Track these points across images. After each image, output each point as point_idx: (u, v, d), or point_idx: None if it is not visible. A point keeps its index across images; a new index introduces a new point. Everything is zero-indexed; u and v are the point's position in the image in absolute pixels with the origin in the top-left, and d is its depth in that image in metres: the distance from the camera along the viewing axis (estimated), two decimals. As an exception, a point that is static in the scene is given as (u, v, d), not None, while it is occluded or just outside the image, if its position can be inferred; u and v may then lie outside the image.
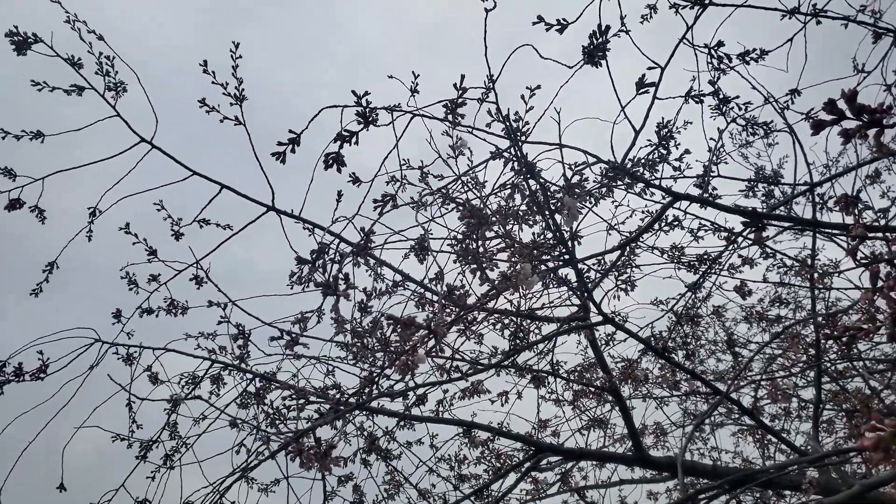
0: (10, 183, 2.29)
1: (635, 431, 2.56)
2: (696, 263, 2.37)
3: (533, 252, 1.95)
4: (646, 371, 2.99)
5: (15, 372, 2.58)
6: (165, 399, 2.82)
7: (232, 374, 2.83)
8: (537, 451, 2.74)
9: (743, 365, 2.91)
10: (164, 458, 2.82)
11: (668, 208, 1.85)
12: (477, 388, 2.48)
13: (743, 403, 2.56)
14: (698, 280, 2.48)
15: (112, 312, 2.70)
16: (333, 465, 1.71)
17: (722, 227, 2.26)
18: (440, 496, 2.97)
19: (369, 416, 2.87)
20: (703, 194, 1.97)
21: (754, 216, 1.43)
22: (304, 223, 2.53)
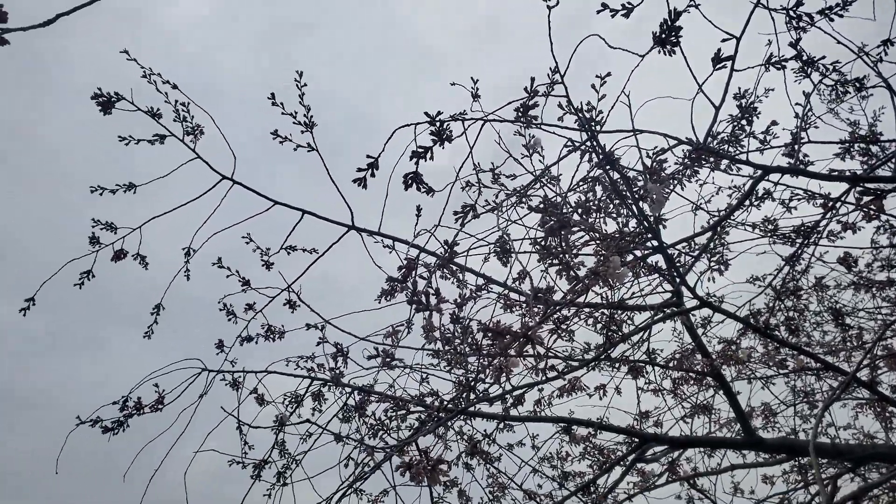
0: (112, 235, 2.45)
1: (743, 414, 2.47)
2: (793, 235, 2.26)
3: (620, 243, 1.92)
4: (748, 350, 2.87)
5: (136, 405, 2.75)
6: (272, 421, 2.94)
7: (331, 389, 2.92)
8: (641, 442, 2.68)
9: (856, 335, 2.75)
10: (276, 475, 2.93)
11: (759, 182, 1.77)
12: (574, 385, 2.46)
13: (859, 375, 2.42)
14: (796, 252, 2.36)
15: (215, 343, 2.84)
16: (441, 478, 1.74)
17: (817, 193, 2.14)
18: (546, 495, 2.95)
19: (467, 420, 2.89)
20: (795, 163, 1.88)
21: (854, 181, 1.35)
22: (384, 238, 2.59)
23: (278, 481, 2.92)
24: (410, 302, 2.10)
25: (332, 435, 2.93)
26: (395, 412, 2.55)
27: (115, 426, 2.70)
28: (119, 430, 2.72)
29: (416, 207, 1.97)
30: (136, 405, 2.74)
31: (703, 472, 2.98)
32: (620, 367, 2.66)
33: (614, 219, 1.81)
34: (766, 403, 3.20)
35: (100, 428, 2.67)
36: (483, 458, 2.91)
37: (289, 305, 2.74)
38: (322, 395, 2.98)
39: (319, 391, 2.96)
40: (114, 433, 2.70)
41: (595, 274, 1.74)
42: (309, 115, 2.17)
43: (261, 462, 2.93)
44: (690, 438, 2.60)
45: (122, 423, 2.72)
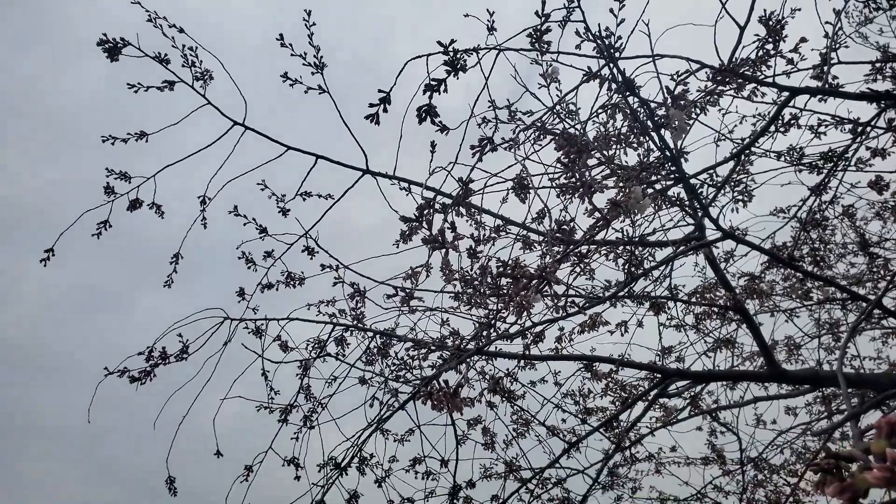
0: (127, 185, 2.44)
1: (766, 347, 2.45)
2: (820, 162, 2.19)
3: (641, 174, 1.87)
4: (772, 283, 2.83)
5: (161, 355, 2.79)
6: (297, 362, 2.98)
7: (354, 334, 2.94)
8: (664, 378, 2.68)
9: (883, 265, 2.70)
10: (303, 419, 2.99)
11: (786, 106, 1.71)
12: (595, 321, 2.44)
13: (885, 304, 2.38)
14: (823, 180, 2.29)
15: (236, 291, 2.85)
16: (463, 406, 1.74)
17: (845, 119, 2.06)
18: (569, 431, 2.99)
19: (489, 360, 2.91)
20: (823, 86, 1.80)
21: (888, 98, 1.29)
22: (399, 182, 2.56)
23: (305, 424, 2.98)
24: (426, 241, 2.08)
25: (357, 376, 2.98)
26: (418, 351, 2.57)
27: (141, 376, 2.74)
28: (146, 380, 2.76)
29: (431, 143, 1.93)
30: (161, 355, 2.78)
31: (726, 406, 2.99)
32: (642, 303, 2.64)
33: (635, 149, 1.76)
34: (789, 337, 3.18)
35: (127, 378, 2.72)
36: (505, 396, 2.94)
37: (307, 252, 2.74)
38: (345, 340, 3.01)
39: (342, 336, 2.98)
40: (141, 383, 2.75)
41: (616, 205, 1.70)
42: (319, 55, 2.12)
43: (287, 406, 2.99)
44: (713, 372, 2.60)
45: (149, 373, 2.76)
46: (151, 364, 2.76)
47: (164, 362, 2.79)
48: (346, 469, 2.64)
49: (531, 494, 2.99)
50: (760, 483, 3.16)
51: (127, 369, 2.71)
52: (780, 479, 3.13)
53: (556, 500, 3.13)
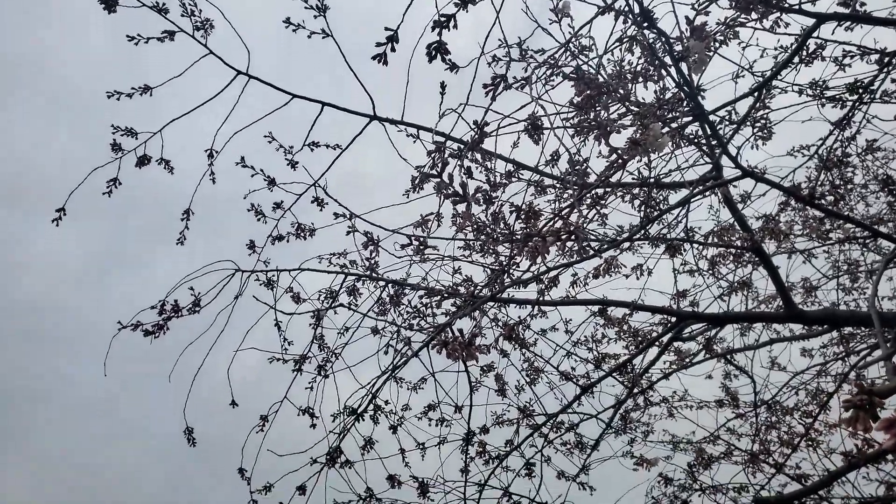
0: (134, 141, 2.39)
1: (784, 287, 2.42)
2: (844, 94, 2.11)
3: (658, 111, 1.81)
4: (790, 223, 2.78)
5: (173, 308, 2.79)
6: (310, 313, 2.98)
7: (366, 284, 2.93)
8: (678, 321, 2.67)
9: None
10: (317, 369, 3.00)
11: (811, 35, 1.63)
12: (610, 265, 2.41)
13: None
14: (846, 115, 2.22)
15: (246, 244, 2.83)
16: (477, 354, 1.73)
17: (872, 49, 1.98)
18: (582, 376, 2.99)
19: (501, 307, 2.90)
20: (852, 11, 1.71)
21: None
22: (407, 128, 2.50)
23: (319, 374, 3.00)
24: (439, 189, 2.03)
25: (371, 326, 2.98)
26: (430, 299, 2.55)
27: (155, 330, 2.75)
28: (159, 334, 2.77)
29: (440, 84, 1.86)
30: (173, 308, 2.78)
31: (740, 348, 2.98)
32: (657, 246, 2.60)
33: (655, 81, 1.69)
34: (805, 279, 3.14)
35: (141, 332, 2.72)
36: (518, 344, 2.93)
37: (316, 203, 2.70)
38: (357, 291, 2.99)
39: (354, 286, 2.97)
40: (154, 336, 2.75)
41: (635, 143, 1.65)
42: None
43: (301, 357, 3.00)
44: (729, 314, 2.58)
45: (162, 327, 2.77)
46: (164, 317, 2.76)
47: (176, 315, 2.79)
48: (362, 416, 2.67)
49: (544, 439, 3.01)
50: (773, 425, 3.18)
51: (140, 323, 2.72)
52: (793, 420, 3.14)
53: (569, 445, 3.16)
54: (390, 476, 2.77)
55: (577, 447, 3.09)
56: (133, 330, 2.71)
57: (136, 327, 2.72)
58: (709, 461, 3.11)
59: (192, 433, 2.84)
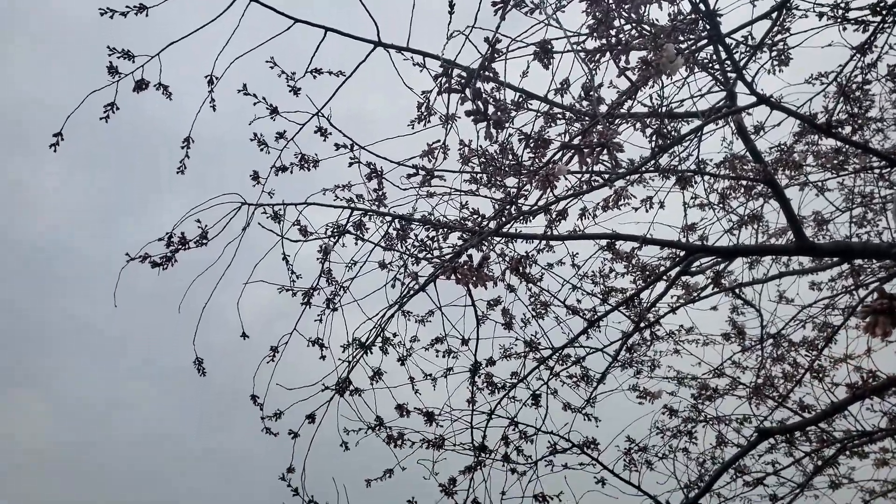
0: (130, 65, 2.34)
1: (795, 219, 2.38)
2: (867, 16, 2.02)
3: (673, 33, 1.74)
4: (804, 153, 2.72)
5: (180, 241, 2.79)
6: (317, 247, 2.98)
7: (372, 219, 2.91)
8: (687, 254, 2.65)
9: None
10: (325, 302, 3.02)
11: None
12: (620, 196, 2.38)
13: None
14: (868, 38, 2.13)
15: (250, 175, 2.80)
16: (487, 280, 1.73)
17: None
18: (589, 310, 3.00)
19: (508, 242, 2.88)
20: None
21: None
22: (413, 55, 2.43)
23: (328, 307, 3.02)
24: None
25: (378, 260, 2.98)
26: (437, 232, 2.54)
27: (163, 261, 2.75)
28: (167, 265, 2.78)
29: (449, 3, 1.79)
30: (180, 240, 2.78)
31: (749, 282, 2.97)
32: (668, 178, 2.56)
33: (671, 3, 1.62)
34: (817, 212, 3.10)
35: (149, 264, 2.73)
36: (524, 278, 2.93)
37: (320, 133, 2.65)
38: (363, 225, 2.98)
39: (360, 221, 2.96)
40: (163, 268, 2.76)
41: (647, 64, 1.59)
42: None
43: (310, 290, 3.01)
44: (739, 247, 2.55)
45: (170, 259, 2.77)
46: (171, 250, 2.77)
47: (183, 247, 2.79)
48: (370, 347, 2.70)
49: (550, 372, 3.04)
50: (779, 358, 3.20)
51: (148, 255, 2.72)
52: (799, 354, 3.15)
53: (575, 378, 3.20)
54: (399, 405, 2.82)
55: (583, 380, 3.12)
56: (141, 262, 2.72)
57: (144, 259, 2.72)
58: (713, 394, 3.14)
59: (201, 363, 2.89)
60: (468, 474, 2.84)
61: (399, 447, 2.74)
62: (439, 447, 2.81)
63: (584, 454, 2.76)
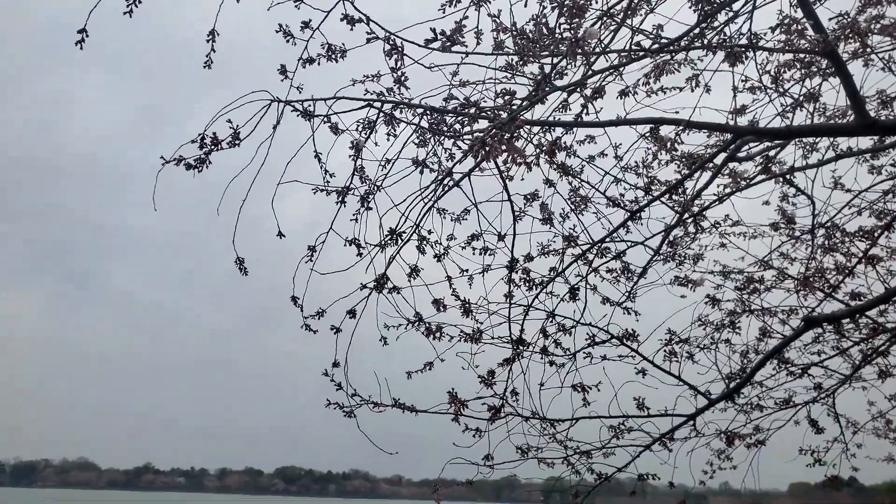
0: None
1: (857, 94, 2.20)
2: None
3: None
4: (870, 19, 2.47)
5: (213, 141, 2.77)
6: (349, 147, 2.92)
7: (404, 111, 2.83)
8: (735, 138, 2.50)
9: None
10: (360, 200, 2.99)
11: None
12: (662, 69, 2.21)
13: None
14: None
15: (277, 69, 2.73)
16: (518, 154, 1.65)
17: None
18: (631, 202, 2.90)
19: (546, 131, 2.77)
20: None
21: None
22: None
23: (362, 205, 2.99)
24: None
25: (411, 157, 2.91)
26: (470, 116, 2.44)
27: (197, 164, 2.75)
28: (202, 168, 2.77)
29: None
30: (213, 140, 2.75)
31: (802, 167, 2.81)
32: (715, 53, 2.37)
33: None
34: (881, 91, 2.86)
35: (184, 166, 2.73)
36: (563, 171, 2.83)
37: (346, 21, 2.54)
38: (395, 120, 2.90)
39: (391, 115, 2.87)
40: (197, 171, 2.76)
41: None
42: None
43: (343, 189, 2.98)
44: (793, 128, 2.39)
45: (204, 161, 2.76)
46: (205, 151, 2.75)
47: (216, 148, 2.77)
48: (401, 235, 2.67)
49: (589, 266, 2.99)
50: (830, 248, 3.06)
51: (182, 157, 2.72)
52: (852, 244, 3.01)
53: (614, 273, 3.14)
54: (435, 300, 2.83)
55: (623, 274, 3.07)
56: (176, 164, 2.72)
57: (178, 162, 2.72)
58: (758, 285, 3.05)
59: (242, 262, 2.93)
60: (506, 366, 2.86)
61: (438, 340, 2.76)
62: (477, 340, 2.83)
63: (623, 346, 2.74)
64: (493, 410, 2.88)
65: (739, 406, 3.05)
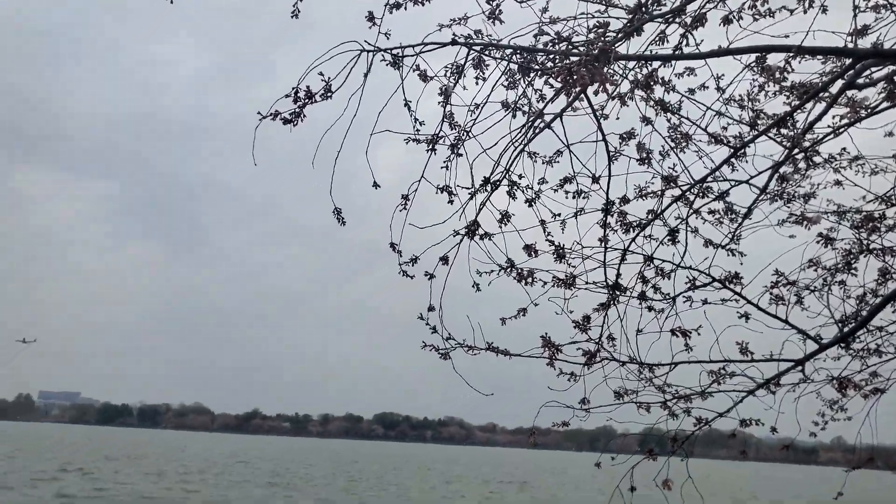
0: None
1: None
2: None
3: None
4: None
5: (307, 94, 2.83)
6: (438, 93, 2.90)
7: (492, 54, 2.77)
8: (855, 62, 2.30)
9: None
10: (450, 147, 2.99)
11: None
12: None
13: None
14: None
15: (365, 16, 2.73)
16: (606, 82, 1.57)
17: None
18: (735, 137, 2.73)
19: (642, 66, 2.64)
20: None
21: None
22: None
23: (452, 152, 2.99)
24: None
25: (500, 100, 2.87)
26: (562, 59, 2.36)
27: (292, 117, 2.82)
28: (297, 121, 2.85)
29: None
30: (306, 94, 2.81)
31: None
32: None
33: None
34: None
35: (280, 120, 2.81)
36: (662, 107, 2.70)
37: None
38: (483, 63, 2.85)
39: (480, 58, 2.83)
40: (293, 124, 2.84)
41: None
42: None
43: (433, 136, 2.98)
44: (922, 47, 2.16)
45: (298, 114, 2.83)
46: (300, 105, 2.82)
47: (310, 101, 2.83)
48: (496, 184, 2.66)
49: (690, 207, 2.87)
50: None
51: (278, 112, 2.80)
52: None
53: (717, 214, 3.00)
54: (527, 246, 2.80)
55: (726, 215, 2.92)
56: (272, 119, 2.81)
57: (274, 117, 2.81)
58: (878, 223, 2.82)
59: (340, 213, 3.01)
60: (602, 311, 2.82)
61: (530, 285, 2.75)
62: (570, 286, 2.80)
63: (725, 289, 2.63)
64: (588, 355, 2.85)
65: (854, 352, 2.87)
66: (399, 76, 2.86)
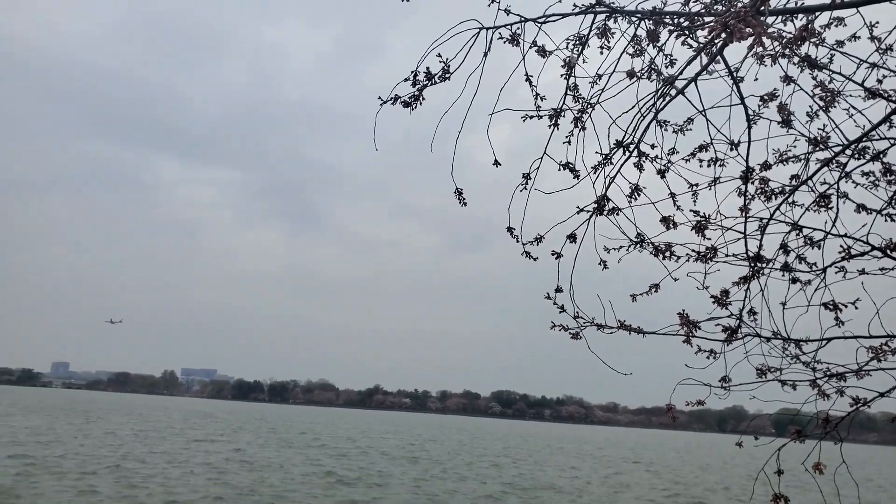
0: None
1: None
2: None
3: None
4: None
5: (427, 76, 2.85)
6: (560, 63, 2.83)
7: (618, 21, 2.66)
8: None
9: None
10: (573, 121, 2.91)
11: None
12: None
13: None
14: None
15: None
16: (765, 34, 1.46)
17: None
18: (894, 91, 2.47)
19: (787, 20, 2.44)
20: None
21: None
22: None
23: (576, 126, 2.91)
24: None
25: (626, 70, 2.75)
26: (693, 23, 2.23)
27: (412, 100, 2.86)
28: (416, 104, 2.88)
29: None
30: (426, 76, 2.83)
31: None
32: None
33: None
34: None
35: (400, 104, 2.85)
36: (808, 63, 2.49)
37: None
38: (608, 31, 2.74)
39: (605, 26, 2.72)
40: (413, 108, 2.87)
41: None
42: None
43: (555, 111, 2.92)
44: None
45: (418, 97, 2.86)
46: (419, 88, 2.84)
47: (429, 83, 2.85)
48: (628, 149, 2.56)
49: (842, 170, 2.63)
50: None
51: (398, 96, 2.83)
52: None
53: (872, 176, 2.73)
54: (664, 218, 2.68)
55: (885, 177, 2.66)
56: (392, 104, 2.85)
57: (395, 101, 2.85)
58: None
59: (461, 193, 3.02)
60: (743, 285, 2.66)
61: (668, 259, 2.64)
62: (710, 259, 2.66)
63: (886, 257, 2.40)
64: (728, 331, 2.71)
65: None
66: (520, 51, 2.81)
